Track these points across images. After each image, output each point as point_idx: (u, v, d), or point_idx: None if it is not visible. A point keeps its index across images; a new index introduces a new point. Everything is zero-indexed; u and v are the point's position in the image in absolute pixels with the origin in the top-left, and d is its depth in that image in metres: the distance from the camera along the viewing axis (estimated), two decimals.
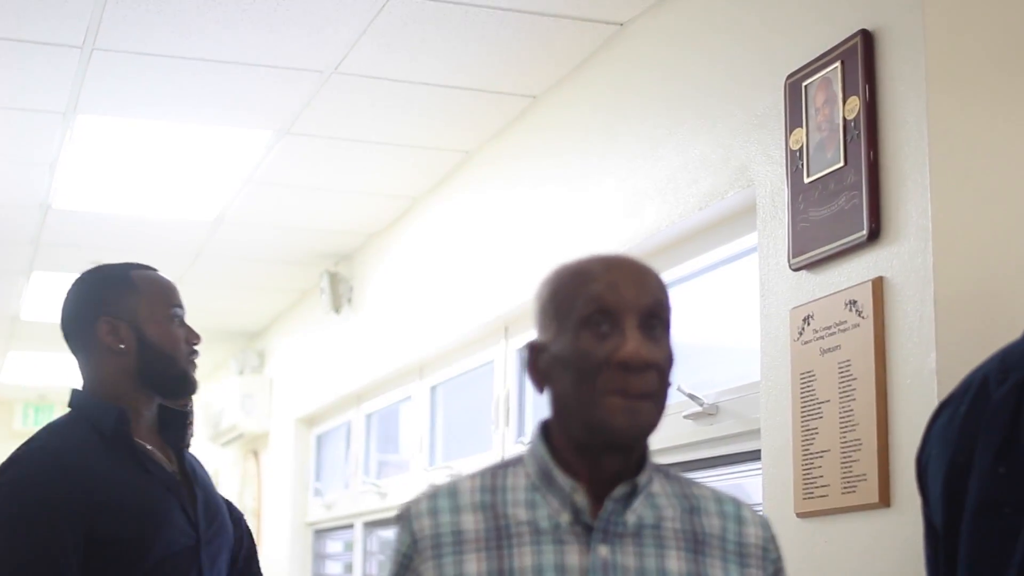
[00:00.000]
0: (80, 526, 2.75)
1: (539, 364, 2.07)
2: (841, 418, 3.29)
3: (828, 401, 3.34)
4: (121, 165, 6.21)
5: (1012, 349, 2.02)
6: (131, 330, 2.95)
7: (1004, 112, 3.18)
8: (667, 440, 4.32)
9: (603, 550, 1.97)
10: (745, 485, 4.15)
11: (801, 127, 3.52)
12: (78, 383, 3.01)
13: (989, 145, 3.15)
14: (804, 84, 3.51)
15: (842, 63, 3.37)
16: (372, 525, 7.59)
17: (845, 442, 3.27)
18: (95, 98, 5.35)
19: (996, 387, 1.94)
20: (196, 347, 3.05)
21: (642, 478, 2.03)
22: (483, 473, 2.09)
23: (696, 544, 2.02)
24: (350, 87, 5.22)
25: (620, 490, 2.02)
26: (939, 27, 3.16)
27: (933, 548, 2.12)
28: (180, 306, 3.04)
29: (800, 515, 3.43)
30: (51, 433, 2.93)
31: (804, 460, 3.42)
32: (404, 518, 2.05)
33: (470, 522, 2.01)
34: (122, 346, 2.94)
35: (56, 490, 2.76)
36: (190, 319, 3.17)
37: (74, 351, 3.02)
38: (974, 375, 2.05)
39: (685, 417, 4.19)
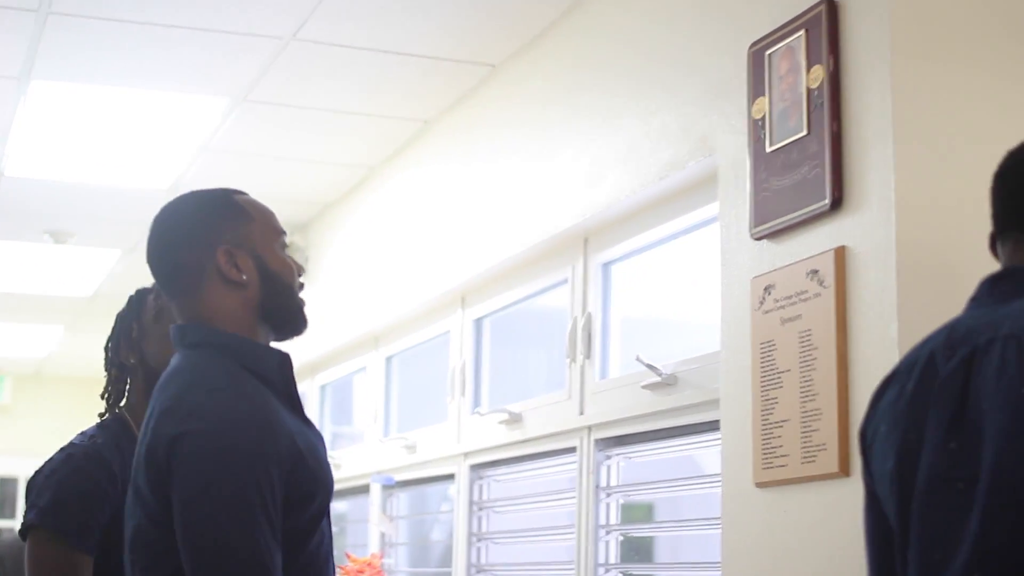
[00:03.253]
0: (283, 480, 2.44)
1: None
2: (801, 388, 3.28)
3: (788, 371, 3.33)
4: (75, 132, 6.15)
5: (957, 324, 2.02)
6: (251, 259, 2.62)
7: (968, 82, 3.18)
8: (625, 410, 4.32)
9: None
10: (704, 455, 4.15)
11: (764, 96, 3.50)
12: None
13: (953, 115, 3.15)
14: (768, 53, 3.50)
15: (806, 32, 3.36)
16: None
17: (805, 412, 3.26)
18: (50, 63, 5.29)
19: (944, 363, 1.94)
20: (302, 280, 2.76)
21: None
22: None
23: None
24: (308, 55, 5.17)
25: None
26: None
27: (874, 519, 2.12)
28: (285, 232, 2.75)
29: (759, 485, 3.43)
30: (212, 375, 2.52)
31: (764, 430, 3.41)
32: None
33: None
34: (244, 277, 2.61)
35: (264, 441, 2.43)
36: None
37: (176, 290, 2.64)
38: (919, 351, 2.04)
39: (643, 387, 4.18)
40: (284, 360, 2.62)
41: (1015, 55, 3.23)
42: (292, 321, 2.68)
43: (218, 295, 2.61)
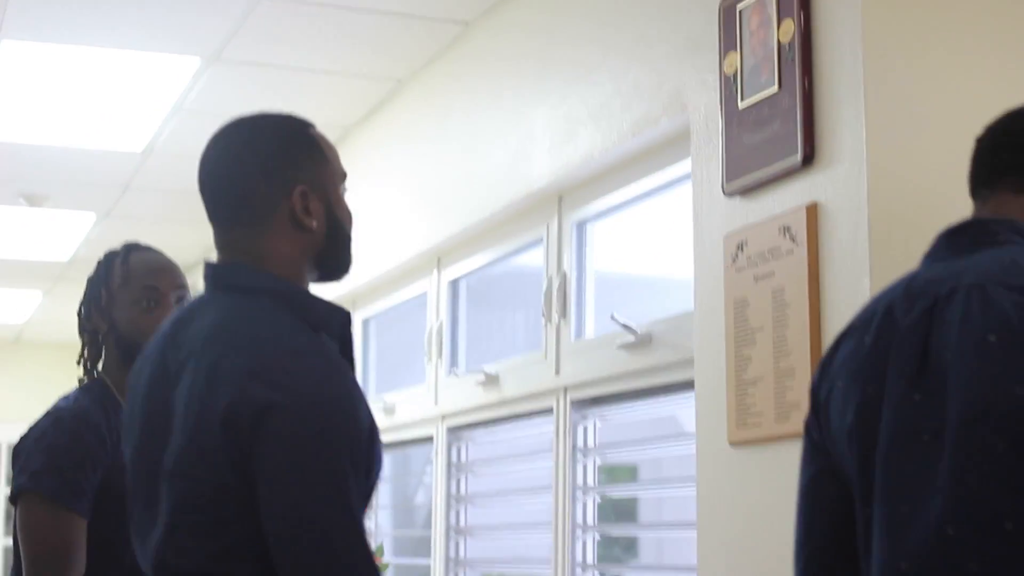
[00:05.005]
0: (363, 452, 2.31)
1: None
2: (775, 346, 3.26)
3: (762, 329, 3.31)
4: (45, 93, 6.08)
5: (915, 277, 1.99)
6: (321, 204, 2.41)
7: (939, 36, 3.15)
8: (600, 370, 4.30)
9: None
10: (679, 415, 4.13)
11: (735, 51, 3.47)
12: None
13: (924, 70, 3.12)
14: (739, 7, 3.46)
15: None
16: None
17: (779, 370, 3.24)
18: (17, 22, 5.23)
19: (904, 315, 1.90)
20: None
21: None
22: None
23: None
24: (279, 13, 5.12)
25: None
26: None
27: (822, 479, 2.09)
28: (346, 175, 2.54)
29: (733, 444, 3.41)
30: (287, 334, 2.30)
31: (738, 388, 3.39)
32: None
33: None
34: (314, 224, 2.40)
35: (353, 414, 2.28)
36: None
37: (235, 220, 2.40)
38: (875, 305, 2.02)
39: (619, 347, 4.15)
40: (346, 319, 2.42)
41: (987, 11, 3.20)
42: (341, 270, 2.49)
43: (283, 237, 2.39)
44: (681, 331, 3.87)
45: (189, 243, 9.00)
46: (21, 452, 3.14)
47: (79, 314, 3.34)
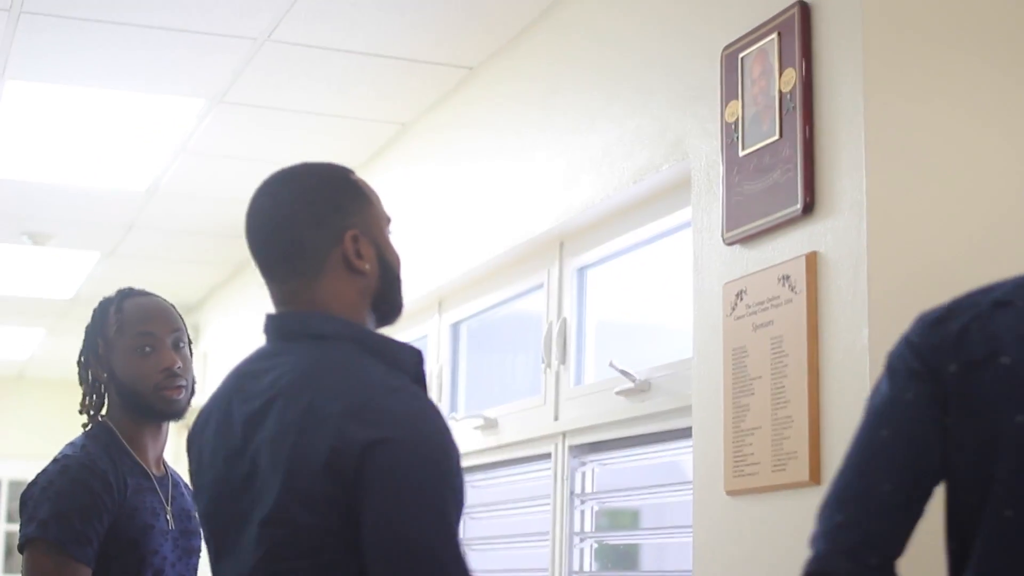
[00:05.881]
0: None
1: None
2: (773, 395, 3.25)
3: (760, 378, 3.30)
4: (51, 133, 6.10)
5: None
6: (372, 246, 2.42)
7: (940, 87, 3.15)
8: (599, 416, 4.29)
9: None
10: (677, 462, 4.11)
11: (737, 99, 3.47)
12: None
13: (925, 120, 3.12)
14: (740, 56, 3.47)
15: (779, 35, 3.32)
16: None
17: (776, 419, 3.23)
18: (23, 63, 5.25)
19: None
20: None
21: None
22: None
23: None
24: (283, 56, 5.14)
25: None
26: (876, 0, 3.12)
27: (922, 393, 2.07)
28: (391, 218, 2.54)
29: (730, 493, 3.39)
30: (377, 373, 2.30)
31: (735, 437, 3.37)
32: None
33: None
34: (367, 266, 2.40)
35: (452, 448, 2.29)
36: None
37: (288, 271, 2.40)
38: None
39: (617, 393, 4.15)
40: (420, 358, 2.40)
41: (987, 60, 3.20)
42: (394, 313, 2.48)
43: (339, 282, 2.38)
44: (680, 379, 3.86)
45: (192, 282, 9.05)
46: (29, 500, 3.14)
47: (79, 363, 3.33)
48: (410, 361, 2.37)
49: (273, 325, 2.42)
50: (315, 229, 2.37)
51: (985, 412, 1.99)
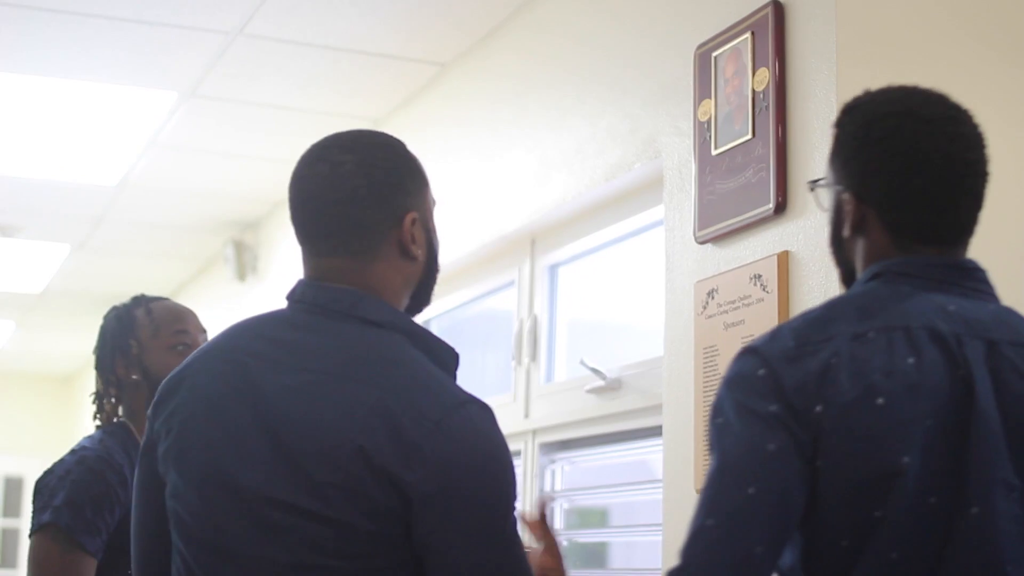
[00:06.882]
0: None
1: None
2: None
3: None
4: (19, 125, 6.06)
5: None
6: (424, 232, 2.31)
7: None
8: (569, 414, 4.29)
9: None
10: (646, 461, 4.12)
11: (710, 98, 3.47)
12: None
13: None
14: (714, 55, 3.47)
15: (752, 34, 3.33)
16: None
17: None
18: None
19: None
20: None
21: None
22: None
23: None
24: (255, 50, 5.12)
25: None
26: (850, 1, 3.13)
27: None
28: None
29: (700, 491, 3.39)
30: (419, 365, 2.17)
31: (706, 436, 3.37)
32: None
33: None
34: (420, 252, 2.29)
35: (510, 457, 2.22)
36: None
37: (344, 248, 2.23)
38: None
39: (588, 391, 4.15)
40: (458, 360, 2.28)
41: (960, 60, 3.21)
42: (424, 306, 2.36)
43: (391, 266, 2.24)
44: (650, 377, 3.86)
45: (161, 276, 9.01)
46: (44, 488, 3.17)
47: (99, 367, 3.36)
48: (451, 362, 2.26)
49: (315, 298, 2.22)
50: (376, 207, 2.22)
51: (865, 453, 1.93)
